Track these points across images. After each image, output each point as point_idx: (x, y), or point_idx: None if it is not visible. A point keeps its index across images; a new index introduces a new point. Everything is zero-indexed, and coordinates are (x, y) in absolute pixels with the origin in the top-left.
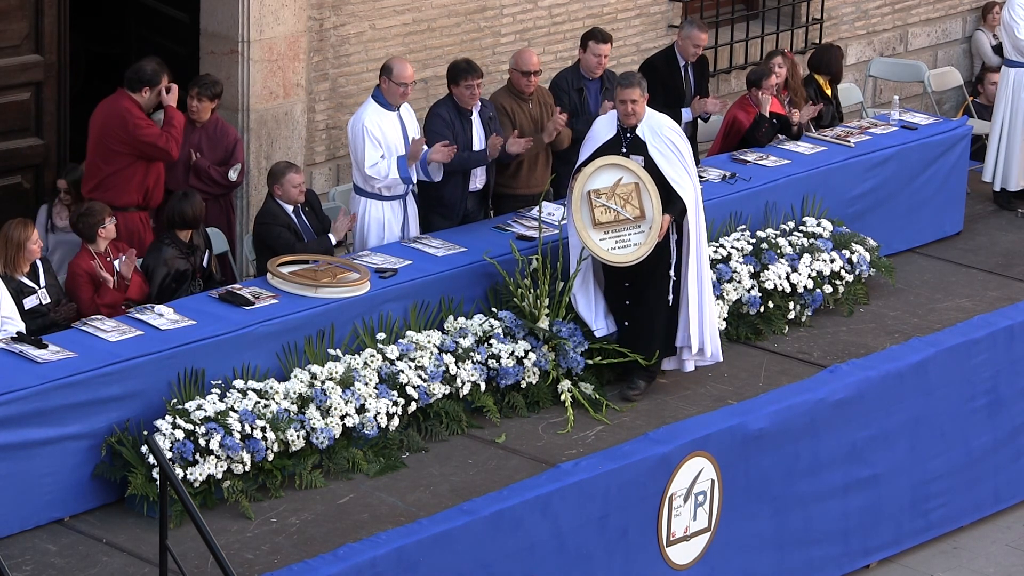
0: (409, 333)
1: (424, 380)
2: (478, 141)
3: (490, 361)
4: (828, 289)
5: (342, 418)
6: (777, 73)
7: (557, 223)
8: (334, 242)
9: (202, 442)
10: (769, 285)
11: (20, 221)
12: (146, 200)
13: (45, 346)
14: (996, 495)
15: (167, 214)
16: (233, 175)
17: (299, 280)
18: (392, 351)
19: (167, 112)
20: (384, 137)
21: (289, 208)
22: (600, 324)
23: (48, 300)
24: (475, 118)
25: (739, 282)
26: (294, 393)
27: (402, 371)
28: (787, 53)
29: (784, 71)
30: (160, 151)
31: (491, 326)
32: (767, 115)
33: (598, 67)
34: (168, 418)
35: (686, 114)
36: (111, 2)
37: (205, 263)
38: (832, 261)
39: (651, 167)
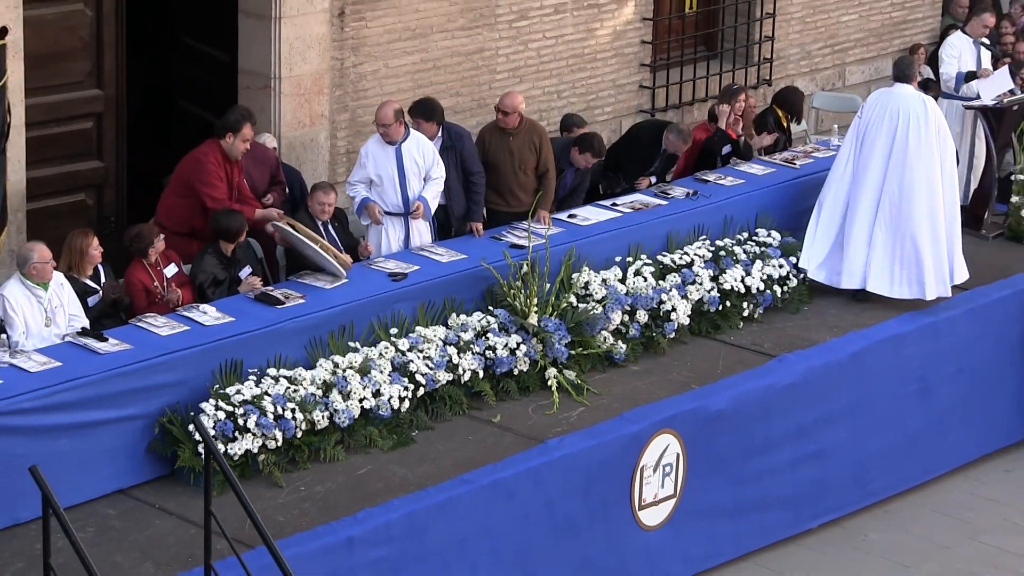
0: (418, 328)
1: (430, 368)
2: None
3: (487, 352)
4: (777, 290)
5: (360, 401)
6: (743, 101)
7: (543, 235)
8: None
9: (240, 421)
10: (727, 287)
11: (81, 231)
12: (194, 232)
13: (105, 339)
14: (925, 467)
15: (212, 227)
16: (269, 199)
17: (309, 237)
18: (403, 343)
19: (243, 193)
20: (373, 165)
21: (319, 223)
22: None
23: (107, 296)
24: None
25: (701, 284)
26: (319, 380)
27: (412, 361)
28: (745, 91)
29: (752, 101)
30: (210, 209)
31: (488, 322)
32: (724, 126)
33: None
34: (211, 401)
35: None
36: (161, 44)
37: (243, 274)
38: (780, 266)
39: None
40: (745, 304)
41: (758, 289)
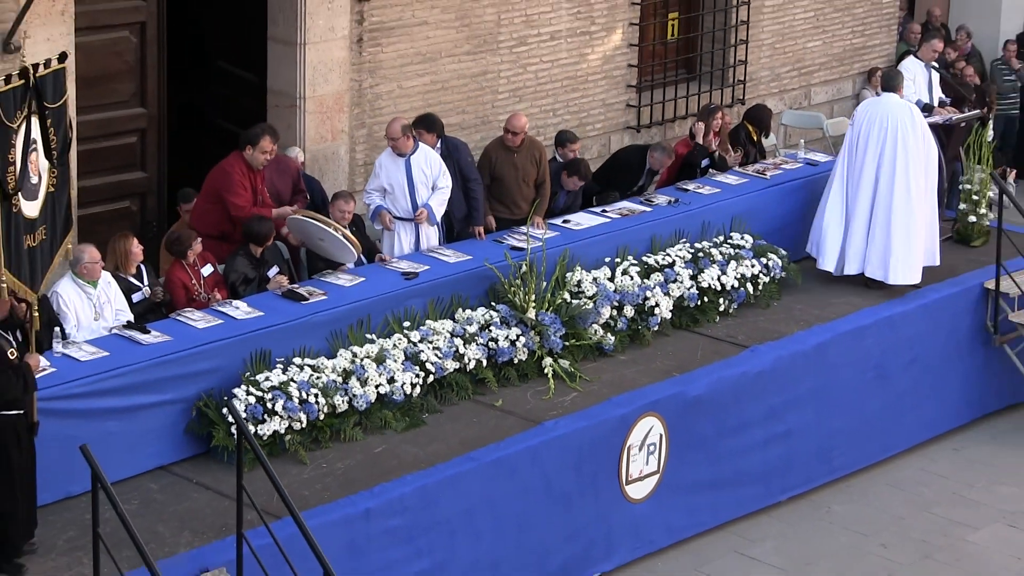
0: (428, 321)
1: (439, 358)
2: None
3: (490, 343)
4: (750, 288)
5: (376, 387)
6: (720, 119)
7: (540, 238)
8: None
9: (269, 405)
10: (704, 284)
11: (122, 234)
12: (223, 235)
13: (148, 332)
14: (882, 447)
15: (244, 232)
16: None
17: (323, 221)
18: (415, 335)
19: (264, 199)
20: (386, 176)
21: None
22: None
23: (149, 295)
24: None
25: (681, 282)
26: (339, 368)
27: (422, 351)
28: (722, 110)
29: (728, 118)
30: (236, 216)
31: (491, 316)
32: (701, 142)
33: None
34: (243, 387)
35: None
36: (198, 67)
37: (271, 274)
38: (753, 266)
39: None
40: (721, 300)
41: (733, 287)
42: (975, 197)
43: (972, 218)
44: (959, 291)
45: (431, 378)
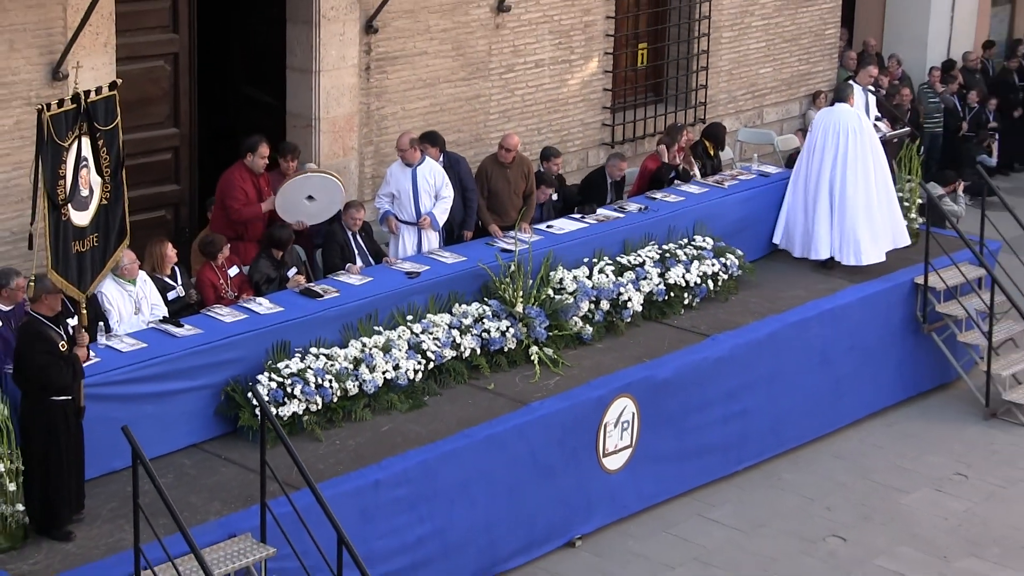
0: (429, 315)
1: (439, 347)
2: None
3: (483, 334)
4: (710, 284)
5: (383, 373)
6: (686, 137)
7: (527, 241)
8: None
9: (289, 390)
10: (671, 281)
11: (158, 239)
12: (237, 236)
13: (181, 326)
14: (826, 422)
15: (266, 237)
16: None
17: (301, 172)
18: (417, 327)
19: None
20: (394, 183)
21: (349, 233)
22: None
23: (183, 294)
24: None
25: (650, 280)
26: (351, 356)
27: (424, 341)
28: (686, 128)
29: (691, 136)
30: (233, 219)
31: (484, 310)
32: (667, 161)
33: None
34: (266, 374)
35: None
36: (225, 92)
37: (291, 274)
38: (713, 265)
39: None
40: (685, 295)
41: (696, 283)
42: (906, 204)
43: (902, 241)
44: (893, 286)
45: (431, 365)
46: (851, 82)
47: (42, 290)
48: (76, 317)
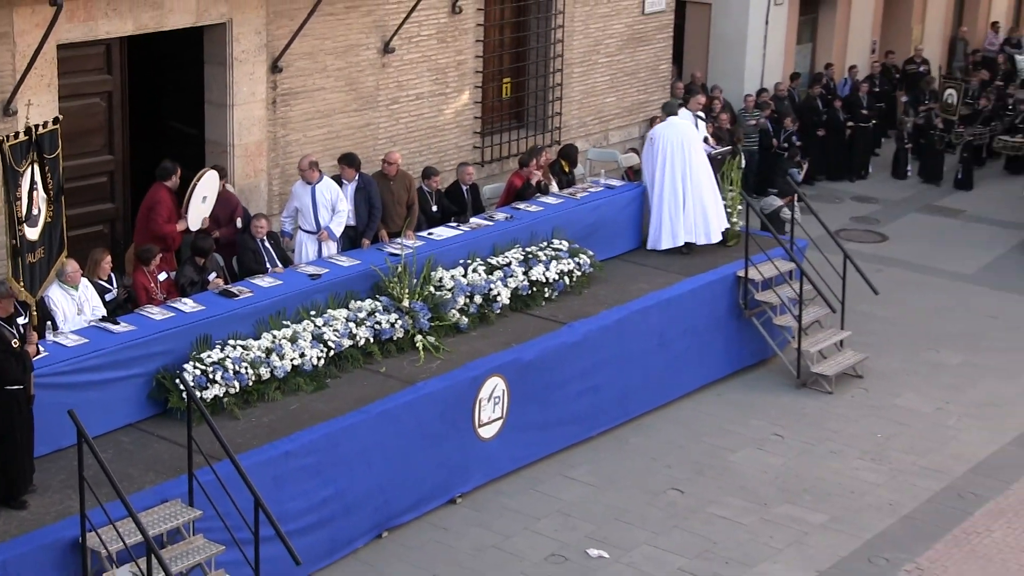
0: (329, 310)
1: (338, 337)
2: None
3: (375, 325)
4: (567, 280)
5: (291, 360)
6: (544, 157)
7: (411, 246)
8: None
9: (211, 376)
10: (534, 278)
11: (98, 249)
12: (166, 246)
13: (118, 323)
14: (665, 394)
15: (192, 246)
16: (239, 223)
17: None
18: (319, 321)
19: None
20: (297, 199)
21: (258, 240)
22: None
23: (118, 296)
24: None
25: (516, 277)
26: (263, 347)
27: (325, 332)
28: (544, 149)
29: (549, 155)
30: (160, 238)
31: (376, 305)
32: (532, 181)
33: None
34: (191, 363)
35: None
36: (153, 124)
37: (211, 278)
38: (569, 264)
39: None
40: (546, 290)
41: (554, 279)
42: (728, 209)
43: (727, 224)
44: (719, 278)
45: (332, 352)
46: (677, 100)
47: None
48: (27, 317)
